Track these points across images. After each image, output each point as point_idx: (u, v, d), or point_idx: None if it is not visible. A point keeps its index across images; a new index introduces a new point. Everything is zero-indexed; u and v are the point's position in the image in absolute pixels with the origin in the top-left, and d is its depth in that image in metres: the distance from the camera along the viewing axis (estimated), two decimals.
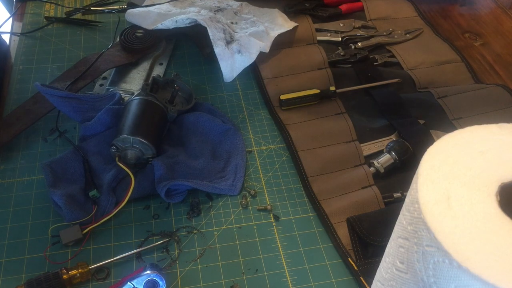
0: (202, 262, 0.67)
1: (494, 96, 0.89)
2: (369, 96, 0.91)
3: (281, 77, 0.93)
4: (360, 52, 0.97)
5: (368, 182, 0.76)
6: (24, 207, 0.72)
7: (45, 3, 1.08)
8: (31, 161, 0.78)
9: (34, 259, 0.66)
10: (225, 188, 0.74)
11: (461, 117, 0.87)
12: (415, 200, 0.40)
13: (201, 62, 0.97)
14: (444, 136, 0.44)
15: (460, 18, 1.11)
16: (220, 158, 0.78)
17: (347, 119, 0.85)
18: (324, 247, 0.70)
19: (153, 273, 0.61)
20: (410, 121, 0.85)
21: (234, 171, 0.76)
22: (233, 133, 0.81)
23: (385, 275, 0.48)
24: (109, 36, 1.00)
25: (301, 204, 0.75)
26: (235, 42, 0.94)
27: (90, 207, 0.69)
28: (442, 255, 0.37)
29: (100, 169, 0.74)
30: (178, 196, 0.73)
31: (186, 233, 0.70)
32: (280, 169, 0.79)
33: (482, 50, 1.03)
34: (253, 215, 0.73)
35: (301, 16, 1.05)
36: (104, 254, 0.67)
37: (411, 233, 0.41)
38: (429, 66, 0.97)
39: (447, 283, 0.37)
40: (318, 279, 0.66)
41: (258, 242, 0.70)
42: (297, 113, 0.87)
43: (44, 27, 1.03)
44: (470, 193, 0.39)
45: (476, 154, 0.42)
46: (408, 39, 1.03)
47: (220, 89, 0.92)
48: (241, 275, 0.66)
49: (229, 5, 1.03)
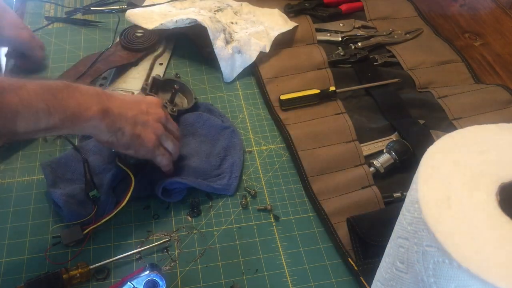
0: (202, 262, 0.67)
1: (494, 96, 0.89)
2: (369, 96, 0.91)
3: (281, 77, 0.93)
4: (360, 52, 0.97)
5: (368, 182, 0.76)
6: (24, 207, 0.72)
7: (45, 3, 1.08)
8: (31, 161, 0.78)
9: (34, 259, 0.66)
10: (219, 188, 0.74)
11: (461, 117, 0.86)
12: (415, 200, 0.40)
13: (201, 62, 0.97)
14: (444, 136, 0.44)
15: (460, 18, 1.11)
16: (216, 156, 0.78)
17: (347, 119, 0.85)
18: (324, 247, 0.70)
19: (153, 273, 0.61)
20: (410, 121, 0.85)
21: (230, 170, 0.76)
22: (231, 132, 0.81)
23: (385, 275, 0.48)
24: (109, 36, 1.00)
25: (301, 204, 0.75)
26: (235, 42, 0.94)
27: (90, 207, 0.69)
28: (442, 255, 0.37)
29: (100, 169, 0.74)
30: (177, 195, 0.73)
31: (186, 233, 0.70)
32: (280, 169, 0.79)
33: (482, 50, 1.03)
34: (253, 215, 0.73)
35: (301, 16, 1.05)
36: (104, 254, 0.67)
37: (411, 233, 0.41)
38: (429, 66, 0.97)
39: (447, 283, 0.37)
40: (318, 279, 0.66)
41: (258, 242, 0.70)
42: (297, 113, 0.87)
43: (44, 27, 1.03)
44: (470, 193, 0.39)
45: (476, 154, 0.42)
46: (408, 39, 1.03)
47: (220, 89, 0.92)
48: (241, 275, 0.66)
49: (229, 5, 1.03)
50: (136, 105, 0.69)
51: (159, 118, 0.71)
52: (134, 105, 0.68)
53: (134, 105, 0.68)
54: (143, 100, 0.72)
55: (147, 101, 0.72)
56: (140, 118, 0.68)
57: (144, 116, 0.68)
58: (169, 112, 0.79)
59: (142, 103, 0.70)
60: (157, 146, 0.70)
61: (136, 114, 0.67)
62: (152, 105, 0.71)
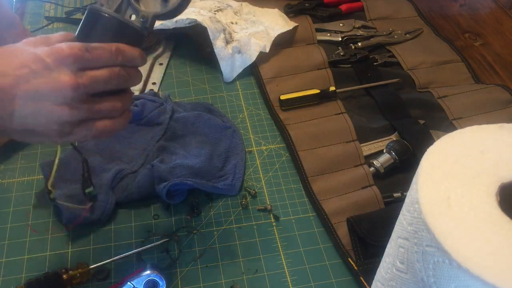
0: (202, 262, 0.67)
1: (494, 96, 0.89)
2: (369, 96, 0.91)
3: (281, 77, 0.93)
4: (360, 52, 0.97)
5: (368, 182, 0.76)
6: (24, 207, 0.72)
7: (45, 3, 1.08)
8: (31, 161, 0.78)
9: (34, 259, 0.66)
10: (224, 188, 0.74)
11: (461, 117, 0.86)
12: (415, 200, 0.40)
13: (201, 62, 0.97)
14: (444, 136, 0.44)
15: (460, 18, 1.11)
16: (219, 157, 0.78)
17: (347, 119, 0.85)
18: (324, 247, 0.70)
19: (153, 273, 0.61)
20: (410, 121, 0.85)
21: (233, 171, 0.76)
22: (232, 132, 0.81)
23: (385, 275, 0.48)
24: None
25: (301, 204, 0.75)
26: (235, 42, 0.94)
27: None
28: (442, 255, 0.37)
29: (100, 170, 0.74)
30: (179, 196, 0.73)
31: (186, 233, 0.70)
32: (280, 169, 0.79)
33: (482, 50, 1.03)
34: (253, 215, 0.73)
35: (301, 16, 1.05)
36: (104, 254, 0.67)
37: (411, 233, 0.41)
38: (429, 66, 0.97)
39: (447, 283, 0.37)
40: (318, 279, 0.66)
41: (258, 242, 0.70)
42: (297, 113, 0.87)
43: (44, 27, 1.03)
44: (470, 193, 0.39)
45: (476, 154, 0.42)
46: (408, 39, 1.03)
47: (220, 89, 0.92)
48: (241, 275, 0.66)
49: (229, 5, 1.03)
50: (20, 59, 0.44)
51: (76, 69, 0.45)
52: (15, 61, 0.44)
53: (15, 61, 0.44)
54: (40, 48, 0.46)
55: (50, 54, 0.45)
56: (27, 87, 0.43)
57: (39, 79, 0.43)
58: (135, 25, 0.53)
59: (35, 56, 0.44)
60: (71, 127, 0.47)
61: (19, 78, 0.43)
62: (60, 56, 0.45)
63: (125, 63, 0.49)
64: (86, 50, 0.46)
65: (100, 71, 0.47)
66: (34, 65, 0.44)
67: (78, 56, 0.46)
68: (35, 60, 0.44)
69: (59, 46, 0.45)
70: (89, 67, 0.47)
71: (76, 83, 0.45)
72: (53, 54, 0.45)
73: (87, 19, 0.53)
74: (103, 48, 0.48)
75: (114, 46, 0.49)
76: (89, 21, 0.53)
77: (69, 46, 0.46)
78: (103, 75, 0.47)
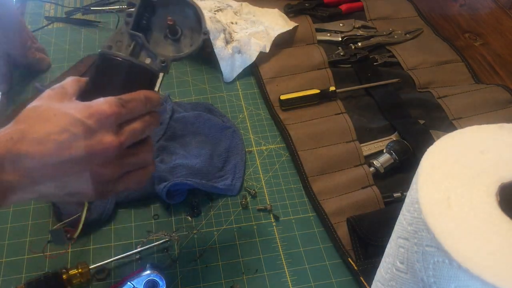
0: (202, 262, 0.67)
1: (494, 96, 0.89)
2: (369, 96, 0.91)
3: (281, 77, 0.93)
4: (360, 52, 0.97)
5: (368, 182, 0.76)
6: (24, 207, 0.72)
7: (45, 3, 1.08)
8: None
9: (34, 259, 0.66)
10: (224, 188, 0.74)
11: (461, 117, 0.86)
12: (415, 200, 0.40)
13: (201, 62, 0.97)
14: (444, 136, 0.44)
15: (460, 18, 1.11)
16: (219, 157, 0.78)
17: (347, 119, 0.85)
18: (324, 247, 0.70)
19: (153, 273, 0.61)
20: (410, 121, 0.85)
21: (233, 171, 0.76)
22: (232, 132, 0.81)
23: (385, 275, 0.48)
24: (109, 36, 1.00)
25: (301, 204, 0.75)
26: (235, 42, 0.94)
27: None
28: (442, 255, 0.37)
29: None
30: (179, 196, 0.73)
31: (186, 233, 0.70)
32: (280, 169, 0.79)
33: (482, 50, 1.02)
34: (253, 215, 0.73)
35: (301, 16, 1.05)
36: (104, 254, 0.67)
37: (411, 233, 0.41)
38: (429, 66, 0.97)
39: (447, 283, 0.37)
40: (318, 279, 0.66)
41: (258, 242, 0.70)
42: (297, 113, 0.87)
43: (44, 27, 1.03)
44: (470, 193, 0.39)
45: (476, 154, 0.42)
46: (408, 39, 1.03)
47: (220, 89, 0.92)
48: (241, 275, 0.66)
49: (229, 5, 1.03)
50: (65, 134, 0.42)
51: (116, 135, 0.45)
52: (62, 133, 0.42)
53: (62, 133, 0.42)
54: (72, 107, 0.45)
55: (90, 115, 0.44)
56: (70, 152, 0.42)
57: (82, 143, 0.43)
58: (156, 66, 0.53)
59: (73, 118, 0.43)
60: (113, 184, 0.48)
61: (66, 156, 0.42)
62: (101, 117, 0.44)
63: (151, 110, 0.50)
64: (122, 106, 0.46)
65: (136, 124, 0.47)
66: (75, 128, 0.43)
67: (118, 114, 0.45)
68: (74, 123, 0.43)
69: (99, 107, 0.44)
70: (125, 121, 0.47)
71: (119, 143, 0.45)
72: (94, 116, 0.44)
73: (103, 65, 0.52)
74: (135, 99, 0.48)
75: (142, 95, 0.48)
76: (106, 67, 0.52)
77: (108, 104, 0.45)
78: (139, 128, 0.48)
